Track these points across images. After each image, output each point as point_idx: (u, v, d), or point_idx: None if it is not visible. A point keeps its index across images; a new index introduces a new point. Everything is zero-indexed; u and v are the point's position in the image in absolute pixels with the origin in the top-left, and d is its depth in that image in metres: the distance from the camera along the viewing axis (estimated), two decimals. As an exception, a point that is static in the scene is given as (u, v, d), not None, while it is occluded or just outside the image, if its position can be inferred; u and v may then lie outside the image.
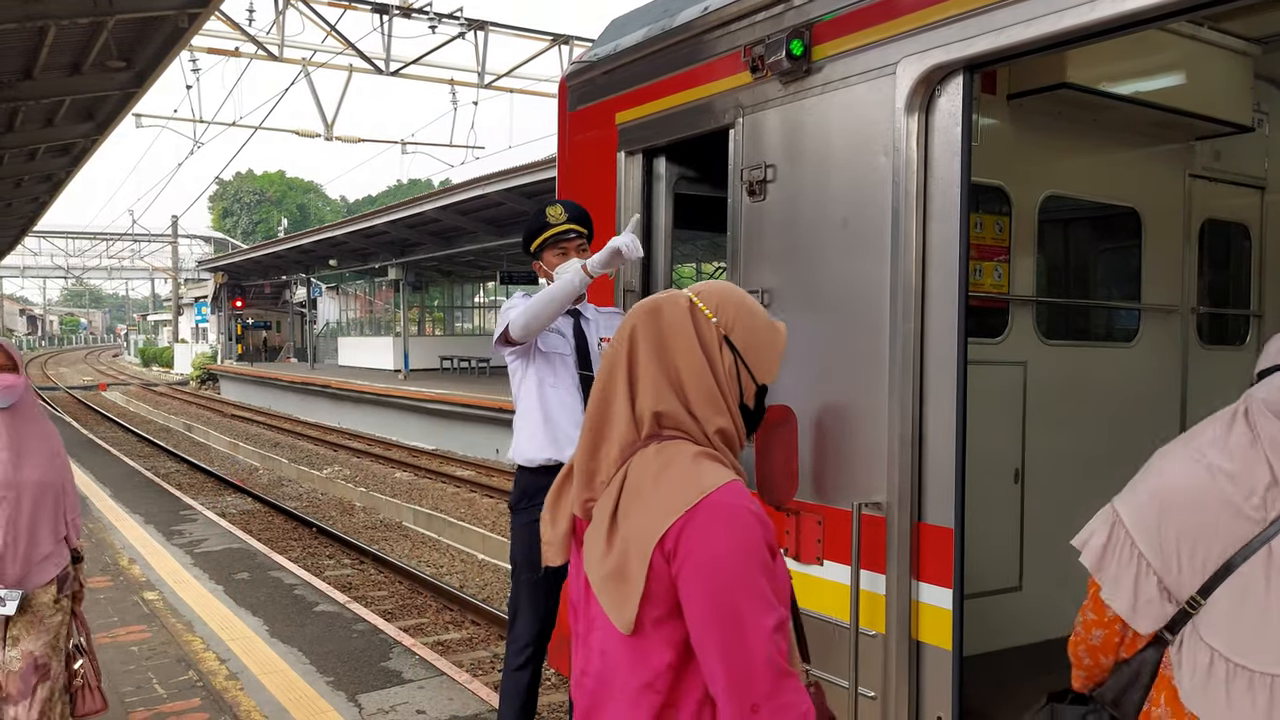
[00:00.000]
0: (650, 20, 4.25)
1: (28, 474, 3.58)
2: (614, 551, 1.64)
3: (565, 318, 3.91)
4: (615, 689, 1.67)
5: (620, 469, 1.69)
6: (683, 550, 1.58)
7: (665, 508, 1.61)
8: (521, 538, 3.87)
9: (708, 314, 1.74)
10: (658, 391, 1.70)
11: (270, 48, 17.88)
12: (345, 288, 46.19)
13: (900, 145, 3.05)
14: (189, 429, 25.89)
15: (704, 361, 1.71)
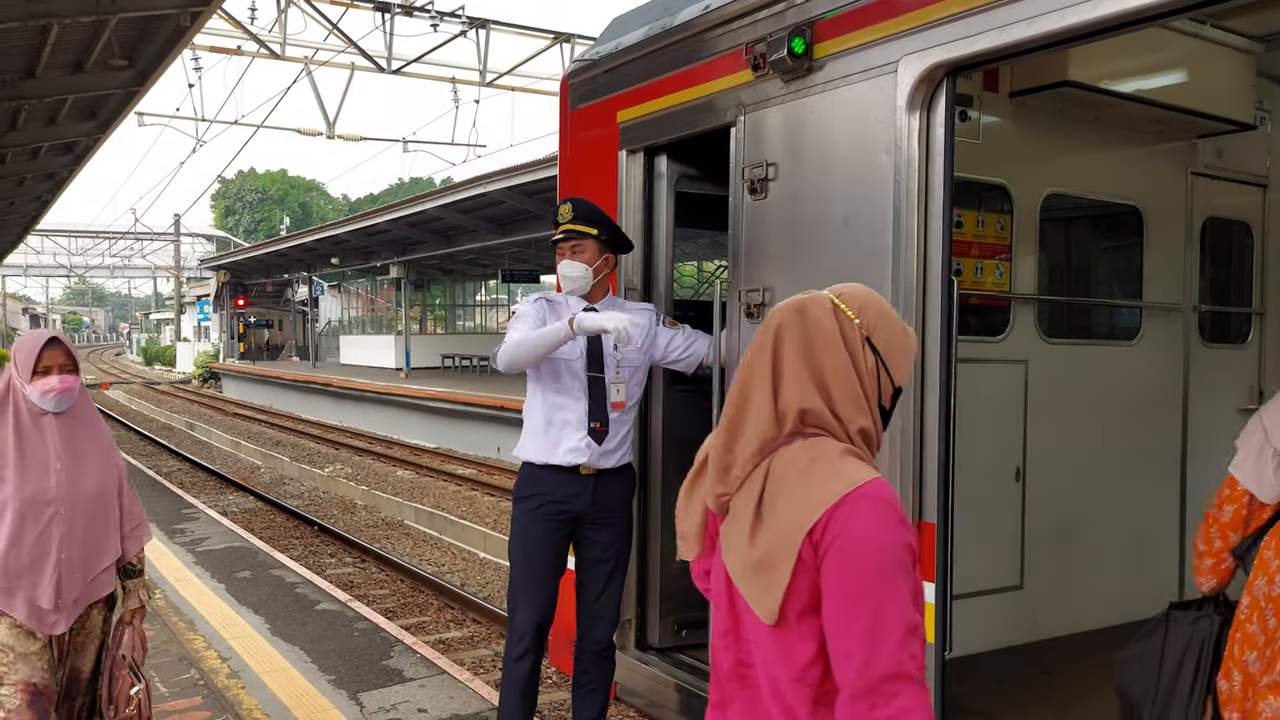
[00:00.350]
0: (651, 18, 4.25)
1: (84, 484, 3.25)
2: (759, 543, 1.68)
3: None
4: (775, 680, 1.71)
5: (760, 464, 1.73)
6: (829, 538, 1.62)
7: (814, 500, 1.64)
8: (520, 528, 3.90)
9: (850, 315, 1.77)
10: (803, 389, 1.73)
11: (272, 46, 17.88)
12: (347, 286, 46.22)
13: (902, 143, 3.05)
14: (191, 427, 25.92)
15: (849, 361, 1.74)
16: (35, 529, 3.17)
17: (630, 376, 3.91)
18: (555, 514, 3.85)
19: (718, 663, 1.82)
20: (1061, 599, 4.30)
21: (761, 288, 3.58)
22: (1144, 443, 4.61)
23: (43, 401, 3.21)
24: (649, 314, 4.01)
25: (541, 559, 3.86)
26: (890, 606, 1.58)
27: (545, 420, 3.86)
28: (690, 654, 4.33)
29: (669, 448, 4.38)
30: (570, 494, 3.84)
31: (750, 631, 1.74)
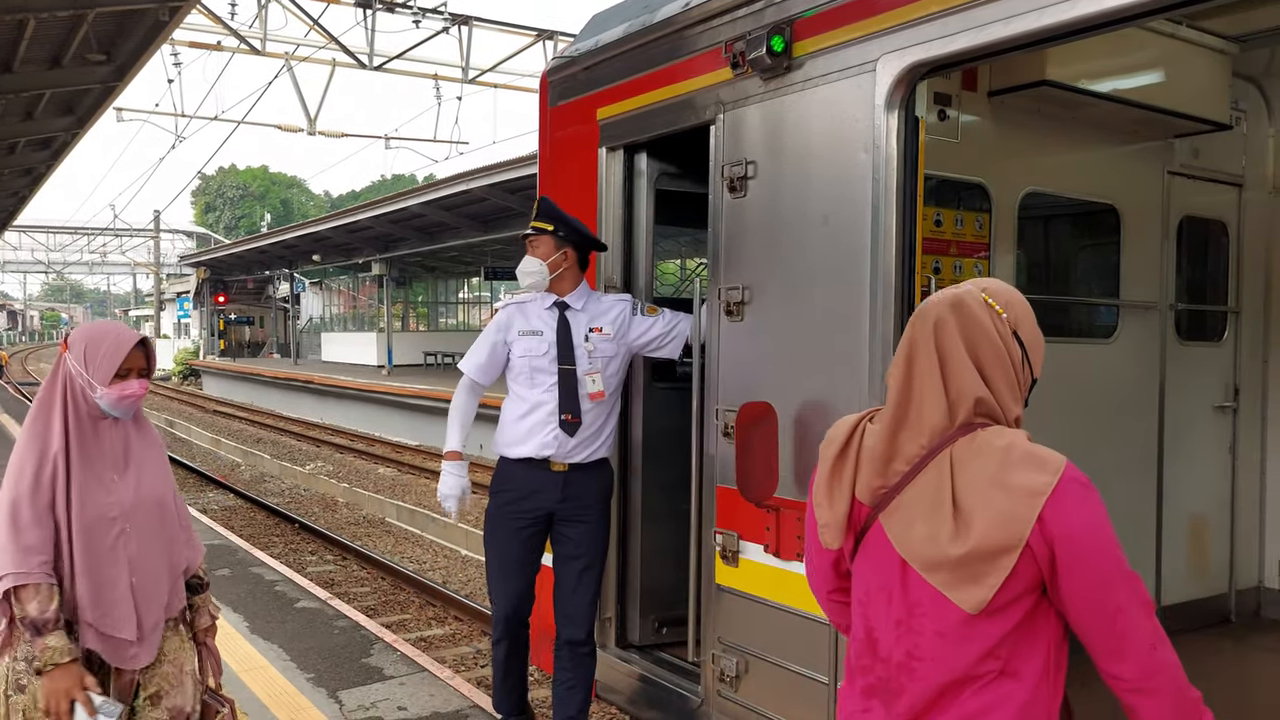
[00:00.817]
0: (631, 16, 4.24)
1: (145, 493, 2.86)
2: (971, 535, 1.70)
3: (550, 310, 4.00)
4: (956, 666, 1.74)
5: (933, 456, 1.77)
6: (1056, 526, 1.69)
7: (1031, 488, 1.70)
8: (490, 522, 4.07)
9: (999, 310, 1.85)
10: (974, 379, 1.79)
11: (253, 42, 17.76)
12: (329, 283, 45.96)
13: (880, 142, 3.06)
14: (170, 425, 25.73)
15: (1004, 353, 1.83)
16: (102, 552, 2.74)
17: (605, 367, 3.96)
18: (524, 510, 3.93)
19: (887, 651, 1.83)
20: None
21: (741, 285, 3.58)
22: (1121, 440, 4.65)
23: (114, 408, 2.79)
24: (625, 305, 4.08)
25: (509, 554, 3.98)
26: (1131, 583, 1.72)
27: (516, 414, 3.97)
28: (671, 651, 4.33)
29: (649, 444, 4.38)
30: (540, 489, 3.91)
31: (932, 623, 1.76)
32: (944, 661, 1.75)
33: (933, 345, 1.80)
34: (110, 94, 13.19)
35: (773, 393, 3.44)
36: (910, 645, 1.79)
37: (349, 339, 40.04)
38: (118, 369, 2.76)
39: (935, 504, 1.74)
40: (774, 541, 3.44)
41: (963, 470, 1.74)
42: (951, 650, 1.75)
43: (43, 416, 2.76)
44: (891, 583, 1.82)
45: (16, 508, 2.66)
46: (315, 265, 36.96)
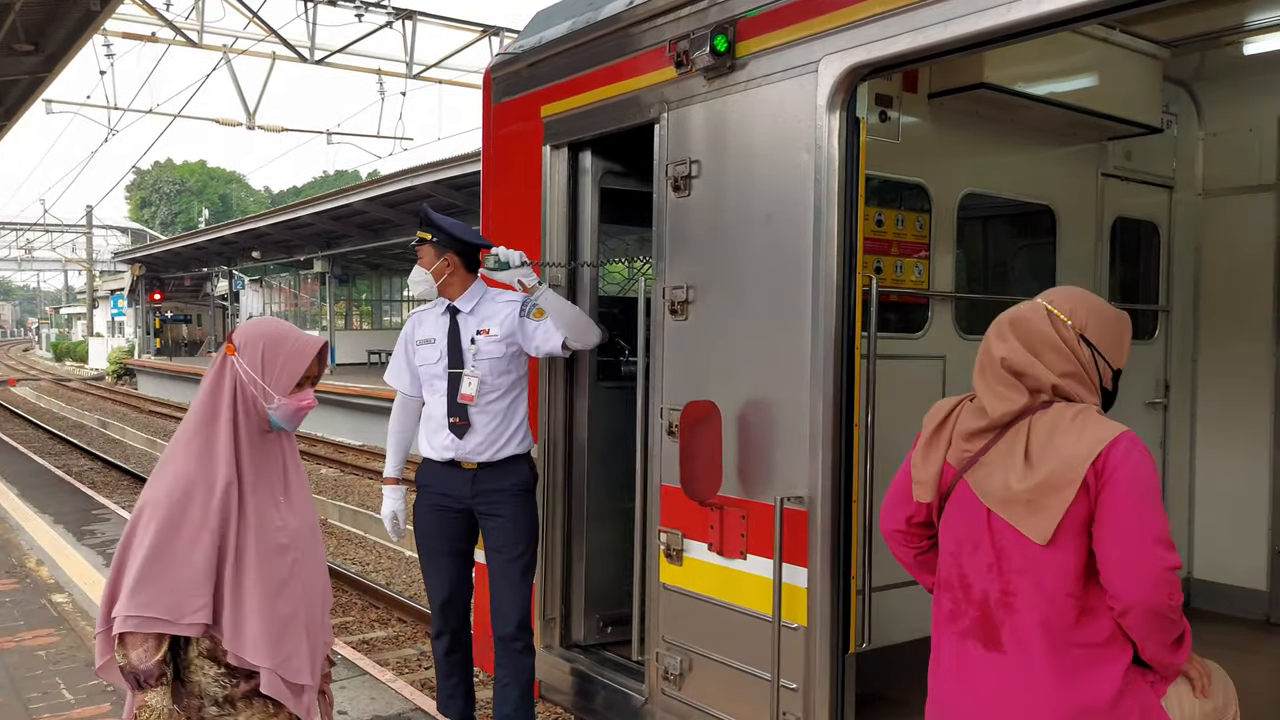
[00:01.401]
0: (576, 13, 4.22)
1: (304, 515, 2.55)
2: (1035, 475, 2.09)
3: (443, 316, 4.11)
4: (1044, 600, 2.09)
5: (1015, 425, 2.16)
6: (1111, 466, 2.05)
7: (1093, 438, 2.07)
8: (415, 517, 4.21)
9: (1064, 319, 2.21)
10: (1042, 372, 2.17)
11: (189, 34, 17.37)
12: (269, 280, 45.18)
13: (822, 142, 3.07)
14: (104, 425, 25.08)
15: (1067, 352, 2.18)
16: (279, 586, 2.42)
17: (489, 369, 4.00)
18: (440, 505, 4.08)
19: (982, 593, 2.18)
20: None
21: (685, 285, 3.58)
22: None
23: (287, 421, 2.49)
24: (515, 306, 4.08)
25: (431, 543, 4.14)
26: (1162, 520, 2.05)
27: (425, 417, 4.15)
28: (615, 650, 4.32)
29: (595, 443, 4.37)
30: (452, 487, 4.04)
31: (1017, 562, 2.12)
32: (1033, 597, 2.09)
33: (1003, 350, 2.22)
34: (39, 85, 12.81)
35: (717, 391, 3.44)
36: (1004, 585, 2.14)
37: (290, 337, 39.30)
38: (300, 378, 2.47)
39: (1011, 455, 2.13)
40: (718, 540, 3.45)
41: (1036, 430, 2.13)
42: (1037, 586, 2.09)
43: (207, 429, 2.38)
44: (979, 533, 2.19)
45: (169, 539, 2.28)
46: (255, 262, 36.31)
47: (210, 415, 2.40)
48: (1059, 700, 2.08)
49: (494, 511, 4.04)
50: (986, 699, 2.18)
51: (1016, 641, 2.13)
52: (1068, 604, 2.08)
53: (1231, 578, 5.03)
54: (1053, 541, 2.06)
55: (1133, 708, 2.09)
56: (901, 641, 4.06)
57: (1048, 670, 2.09)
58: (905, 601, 4.10)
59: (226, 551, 2.34)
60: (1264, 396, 4.86)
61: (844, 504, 3.11)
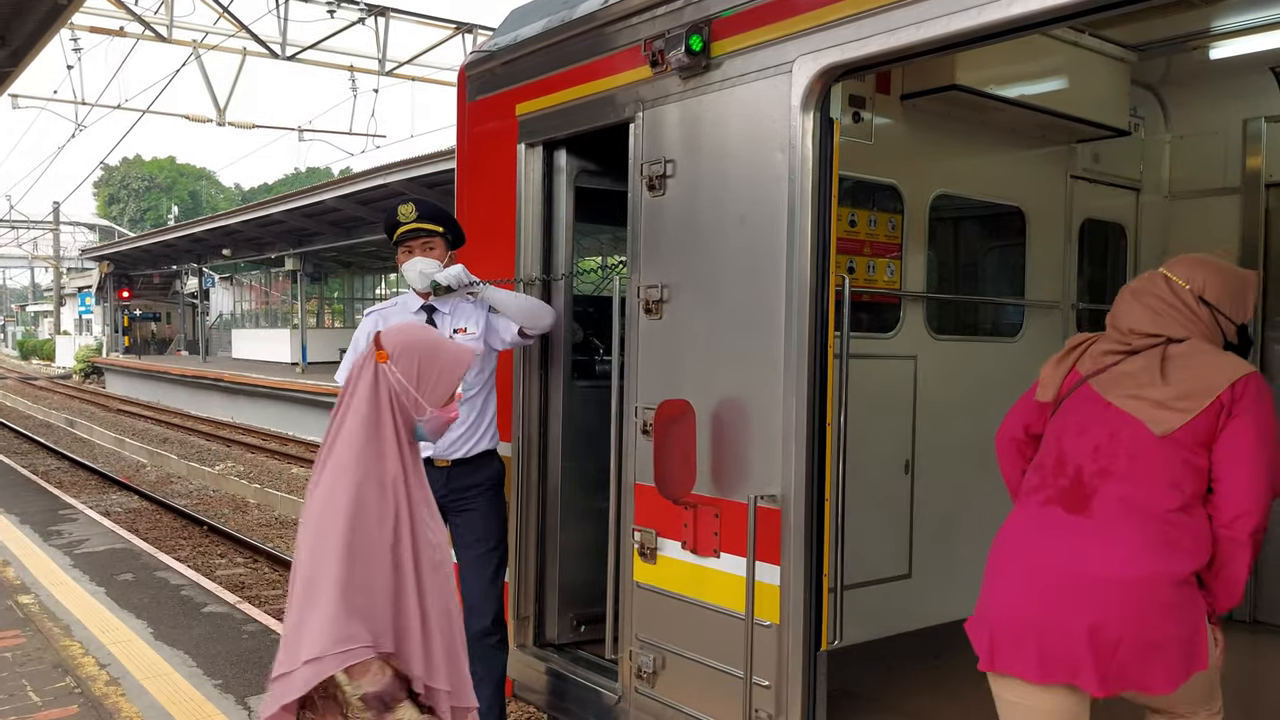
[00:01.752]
0: (551, 11, 4.22)
1: (443, 533, 2.46)
2: (1170, 390, 2.40)
3: (419, 314, 4.06)
4: (1142, 482, 2.39)
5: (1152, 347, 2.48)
6: (1247, 395, 2.36)
7: (1231, 366, 2.39)
8: None
9: (1181, 283, 2.51)
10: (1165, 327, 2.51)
11: (158, 28, 17.17)
12: (240, 278, 44.79)
13: (796, 142, 3.09)
14: (71, 424, 24.76)
15: (1185, 311, 2.49)
16: (444, 603, 2.33)
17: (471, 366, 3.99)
18: None
19: (1077, 468, 2.49)
20: (948, 587, 4.44)
21: (660, 284, 3.59)
22: None
23: (434, 433, 2.39)
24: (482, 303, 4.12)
25: None
26: (1274, 457, 2.36)
27: None
28: (589, 649, 4.33)
29: (569, 441, 4.36)
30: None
31: (1126, 447, 2.42)
32: (1132, 477, 2.39)
33: (1129, 320, 2.54)
34: (4, 80, 12.61)
35: (691, 390, 3.45)
36: (1105, 463, 2.44)
37: (261, 335, 39.10)
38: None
39: (1146, 371, 2.45)
40: (691, 538, 3.46)
41: (1172, 355, 2.44)
42: (1139, 469, 2.39)
43: (374, 441, 2.23)
44: (1091, 423, 2.50)
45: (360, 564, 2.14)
46: (225, 260, 35.97)
47: (373, 423, 2.25)
48: (1134, 557, 2.33)
49: (468, 507, 4.04)
50: (1059, 550, 2.43)
51: (1104, 509, 2.40)
52: (1167, 492, 2.35)
53: (1196, 574, 5.10)
54: (1169, 438, 2.36)
55: (1191, 599, 2.36)
56: (873, 639, 4.09)
57: (1133, 533, 2.36)
58: (877, 599, 4.14)
59: (405, 572, 2.21)
60: None
61: (817, 502, 3.13)
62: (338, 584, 2.10)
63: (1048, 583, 2.41)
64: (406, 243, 4.04)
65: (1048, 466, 2.56)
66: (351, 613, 2.10)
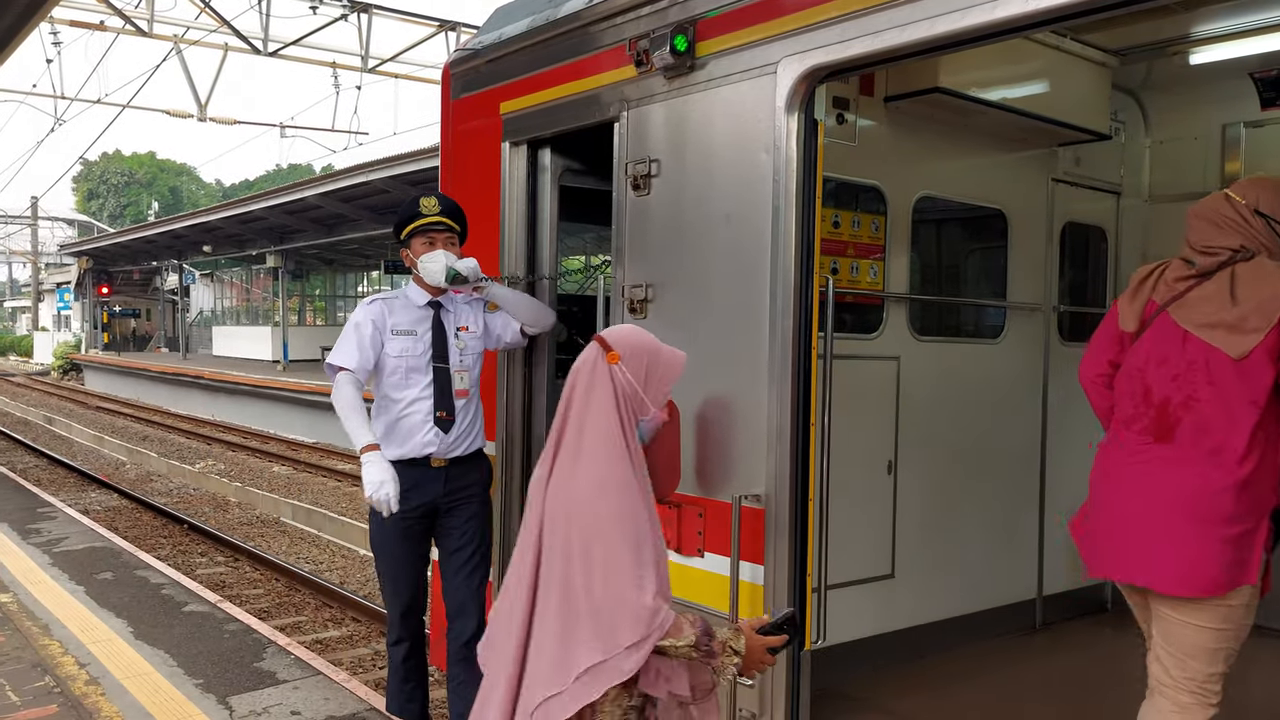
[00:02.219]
0: (536, 10, 4.21)
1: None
2: (1240, 311, 2.64)
3: (424, 309, 4.00)
4: (1222, 405, 2.64)
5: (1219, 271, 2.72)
6: None
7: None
8: (376, 523, 3.95)
9: (1238, 198, 2.78)
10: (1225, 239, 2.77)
11: (139, 23, 17.05)
12: (220, 275, 44.50)
13: (780, 143, 3.10)
14: (49, 422, 24.55)
15: (1241, 224, 2.75)
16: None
17: (474, 364, 4.03)
18: (408, 507, 3.84)
19: (1163, 398, 2.75)
20: (931, 587, 4.47)
21: (645, 283, 3.60)
22: (1006, 437, 4.82)
23: (649, 432, 2.46)
24: (480, 303, 4.12)
25: (401, 553, 3.99)
26: None
27: (394, 415, 3.92)
28: (572, 648, 4.32)
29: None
30: (421, 485, 3.89)
31: (1204, 374, 2.66)
32: (1214, 402, 2.64)
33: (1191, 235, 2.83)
34: (-17, 73, 12.50)
35: (675, 390, 3.44)
36: (1188, 392, 2.69)
37: (242, 333, 38.87)
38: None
39: (1217, 294, 2.68)
40: (675, 538, 3.46)
41: (1240, 275, 2.67)
42: (1219, 393, 2.63)
43: (618, 444, 2.30)
44: (1171, 352, 2.74)
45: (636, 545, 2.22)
46: (206, 256, 35.73)
47: (614, 428, 2.31)
48: (1205, 475, 2.64)
49: (462, 508, 3.99)
50: (1153, 476, 2.74)
51: (1186, 435, 2.68)
52: (1250, 411, 2.61)
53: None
54: (1246, 359, 2.60)
55: (1250, 511, 2.64)
56: (857, 638, 4.11)
57: (1205, 456, 2.64)
58: (860, 599, 4.16)
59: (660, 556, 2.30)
60: None
61: (800, 502, 3.15)
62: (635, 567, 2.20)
63: (1137, 507, 2.76)
64: (429, 234, 3.95)
65: (1136, 396, 2.82)
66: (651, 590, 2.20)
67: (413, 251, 3.99)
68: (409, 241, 4.00)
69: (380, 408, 3.98)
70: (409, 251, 4.01)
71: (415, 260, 3.98)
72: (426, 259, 3.93)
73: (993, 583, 4.75)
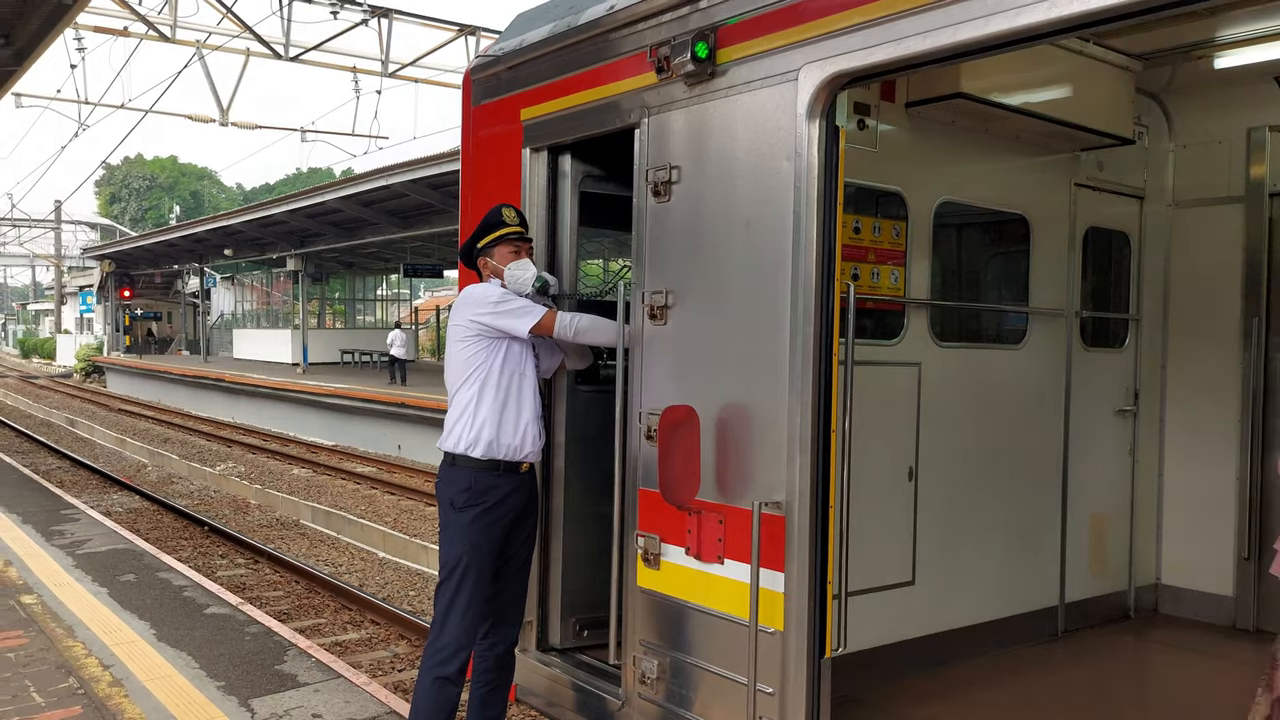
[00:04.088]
0: (557, 16, 4.22)
1: None
2: None
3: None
4: None
5: None
6: None
7: None
8: (467, 537, 3.74)
9: None
10: None
11: (162, 28, 17.20)
12: (241, 278, 44.82)
13: (802, 150, 3.10)
14: (72, 424, 24.78)
15: None
16: None
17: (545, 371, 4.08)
18: (501, 519, 3.79)
19: None
20: (951, 594, 4.45)
21: (664, 289, 3.60)
22: (1028, 443, 4.79)
23: None
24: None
25: (487, 569, 3.79)
26: None
27: (510, 416, 3.80)
28: (592, 654, 4.33)
29: (572, 447, 4.36)
30: (514, 493, 3.85)
31: None
32: None
33: None
34: (8, 79, 12.64)
35: (695, 396, 3.46)
36: None
37: (262, 336, 39.12)
38: None
39: None
40: (695, 544, 3.46)
41: None
42: None
43: None
44: None
45: None
46: (227, 260, 35.99)
47: None
48: None
49: (530, 516, 3.99)
50: None
51: None
52: None
53: (1198, 583, 5.11)
54: None
55: None
56: (877, 645, 4.10)
57: None
58: (881, 606, 4.14)
59: None
60: (1231, 404, 4.94)
61: (821, 509, 3.14)
62: None
63: None
64: (514, 243, 3.95)
65: None
66: None
67: (495, 259, 3.95)
68: (490, 250, 3.97)
69: (486, 404, 3.80)
70: (488, 259, 3.97)
71: (498, 267, 3.94)
72: (515, 266, 3.90)
73: (1014, 589, 4.72)
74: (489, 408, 3.79)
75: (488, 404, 3.80)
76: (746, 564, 3.22)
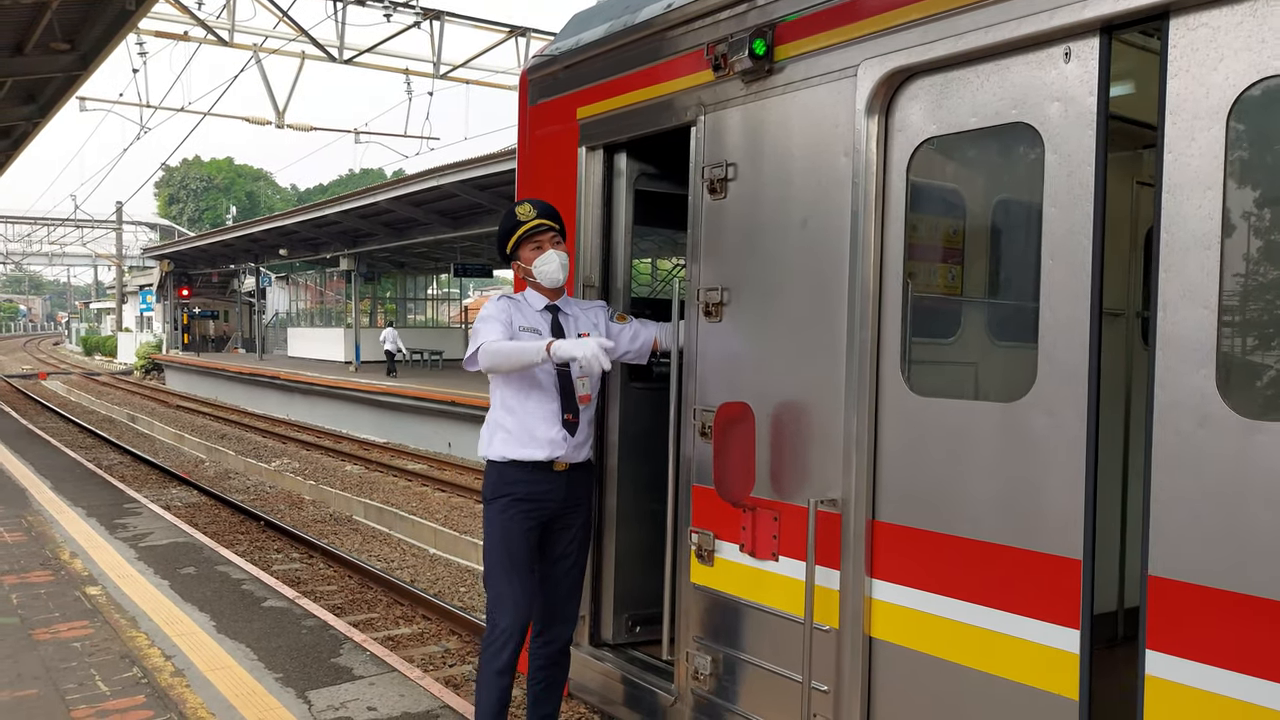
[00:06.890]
0: (613, 16, 4.24)
1: None
2: None
3: (544, 313, 3.93)
4: None
5: None
6: None
7: None
8: (498, 530, 3.84)
9: None
10: None
11: (220, 33, 17.56)
12: (295, 277, 45.53)
13: (860, 147, 3.08)
14: (133, 420, 25.37)
15: None
16: None
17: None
18: (530, 512, 3.83)
19: None
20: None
21: (720, 287, 3.60)
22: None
23: None
24: (602, 311, 4.09)
25: (521, 559, 3.84)
26: None
27: (521, 416, 3.85)
28: (644, 650, 4.34)
29: (625, 444, 4.38)
30: (545, 490, 3.85)
31: None
32: None
33: None
34: (73, 83, 12.98)
35: (750, 393, 3.46)
36: None
37: (316, 334, 39.72)
38: None
39: None
40: (750, 541, 3.46)
41: None
42: None
43: None
44: None
45: None
46: (282, 259, 36.60)
47: None
48: None
49: (576, 515, 3.96)
50: None
51: None
52: None
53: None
54: None
55: None
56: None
57: None
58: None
59: None
60: None
61: (874, 508, 3.12)
62: None
63: None
64: (535, 238, 3.89)
65: None
66: None
67: (523, 260, 3.93)
68: (517, 253, 3.94)
69: (507, 408, 3.88)
70: (519, 263, 3.94)
71: (528, 268, 3.91)
72: (541, 261, 3.88)
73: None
74: (501, 413, 3.89)
75: (500, 409, 3.89)
76: (801, 561, 3.21)
